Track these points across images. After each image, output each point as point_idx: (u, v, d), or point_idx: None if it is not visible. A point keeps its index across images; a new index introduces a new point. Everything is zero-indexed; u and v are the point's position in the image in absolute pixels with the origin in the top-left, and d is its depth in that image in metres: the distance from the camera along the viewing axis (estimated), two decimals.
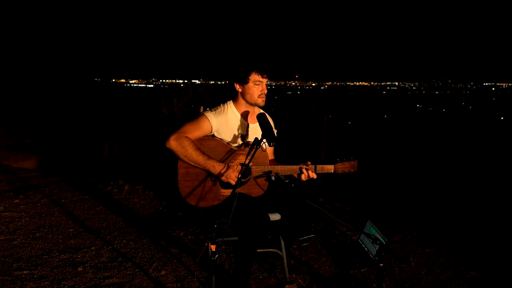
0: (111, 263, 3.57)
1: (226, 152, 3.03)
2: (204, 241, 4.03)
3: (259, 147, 2.81)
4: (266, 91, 3.10)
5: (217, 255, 3.25)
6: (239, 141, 3.13)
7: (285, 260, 3.34)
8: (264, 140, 2.91)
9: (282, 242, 3.34)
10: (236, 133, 3.12)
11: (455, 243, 4.12)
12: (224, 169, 2.94)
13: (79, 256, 3.68)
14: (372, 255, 3.66)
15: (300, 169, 3.01)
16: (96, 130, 10.47)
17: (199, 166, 2.96)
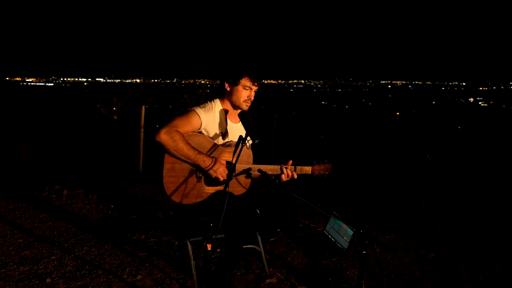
0: (79, 271, 3.38)
1: (213, 149, 3.01)
2: (169, 242, 4.00)
3: (244, 145, 2.83)
4: (252, 98, 3.13)
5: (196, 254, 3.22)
6: (224, 139, 3.13)
7: (263, 255, 3.39)
8: (249, 138, 2.94)
9: (259, 237, 3.39)
10: (222, 131, 3.11)
11: (408, 228, 4.46)
12: (214, 164, 2.92)
13: (41, 267, 3.43)
14: (340, 245, 3.84)
15: (281, 169, 3.08)
16: (8, 132, 9.74)
17: (189, 160, 2.90)
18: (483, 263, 3.69)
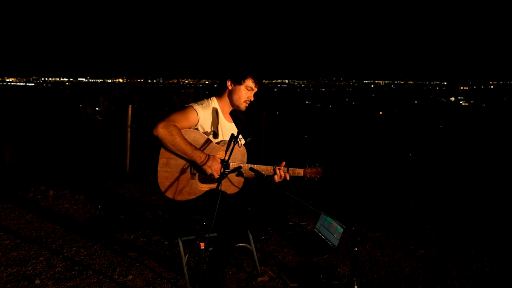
0: (69, 272, 3.33)
1: (208, 146, 3.01)
2: (159, 242, 3.98)
3: (236, 143, 2.83)
4: (252, 99, 3.17)
5: (187, 254, 3.20)
6: (219, 138, 3.13)
7: (255, 254, 3.39)
8: (240, 136, 2.94)
9: (250, 236, 3.39)
10: (218, 129, 3.12)
11: (397, 225, 4.51)
12: (210, 161, 2.91)
13: (30, 268, 3.38)
14: (330, 242, 3.86)
15: (274, 170, 3.08)
16: None
17: (185, 156, 2.89)
18: (471, 258, 3.75)
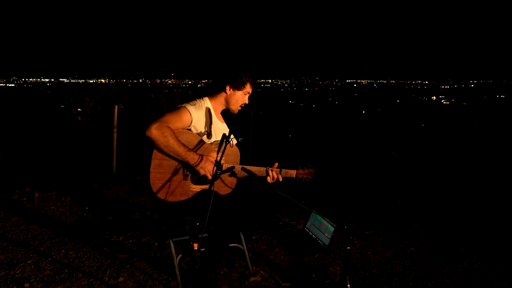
0: (58, 275, 3.28)
1: (201, 147, 2.99)
2: (149, 243, 3.94)
3: (228, 143, 2.82)
4: (247, 102, 3.18)
5: (180, 255, 3.18)
6: (212, 138, 3.11)
7: (246, 254, 3.38)
8: (232, 136, 2.92)
9: (242, 236, 3.38)
10: (209, 130, 3.09)
11: (386, 224, 4.54)
12: (203, 162, 2.89)
13: (18, 271, 3.32)
14: (321, 241, 3.88)
15: (267, 171, 3.08)
16: None
17: (178, 157, 2.86)
18: (461, 255, 3.79)
